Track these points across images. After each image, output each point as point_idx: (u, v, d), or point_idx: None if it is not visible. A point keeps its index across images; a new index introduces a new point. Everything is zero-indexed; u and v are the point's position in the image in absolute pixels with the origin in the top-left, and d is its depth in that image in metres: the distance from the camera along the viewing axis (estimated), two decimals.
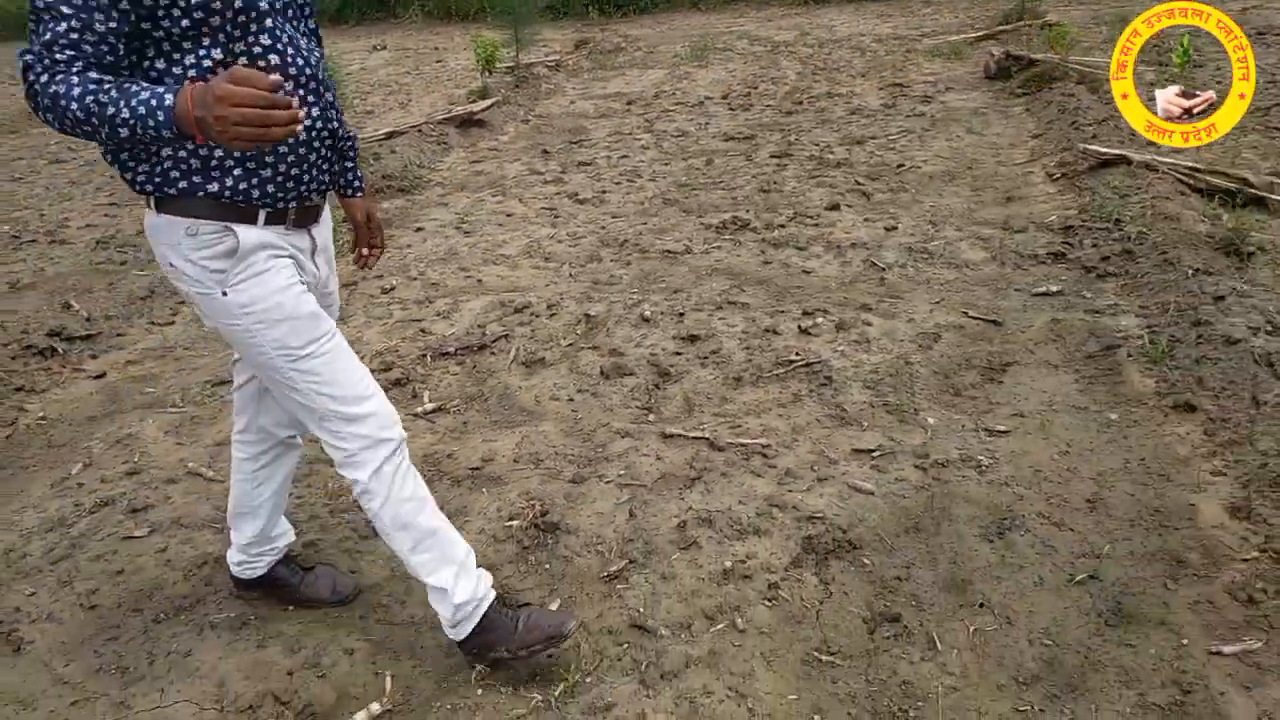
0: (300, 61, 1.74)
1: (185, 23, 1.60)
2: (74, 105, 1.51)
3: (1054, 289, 3.81)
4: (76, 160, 7.21)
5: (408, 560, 1.99)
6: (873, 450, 2.83)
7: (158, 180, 1.71)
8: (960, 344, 3.47)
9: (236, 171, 1.71)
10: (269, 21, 1.68)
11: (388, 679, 2.12)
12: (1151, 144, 5.11)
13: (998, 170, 5.46)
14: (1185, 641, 2.07)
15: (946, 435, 2.89)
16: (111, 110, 1.50)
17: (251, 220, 1.76)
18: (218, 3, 1.60)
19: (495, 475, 2.86)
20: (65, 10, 1.52)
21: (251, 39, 1.66)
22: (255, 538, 2.26)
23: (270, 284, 1.79)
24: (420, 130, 7.11)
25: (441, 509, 2.06)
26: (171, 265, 1.79)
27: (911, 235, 4.52)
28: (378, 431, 1.89)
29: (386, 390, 3.32)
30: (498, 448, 3.00)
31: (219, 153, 1.70)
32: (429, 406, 3.27)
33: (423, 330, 3.86)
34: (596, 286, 4.21)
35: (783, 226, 4.79)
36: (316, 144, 1.80)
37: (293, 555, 2.41)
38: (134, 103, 1.49)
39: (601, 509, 2.65)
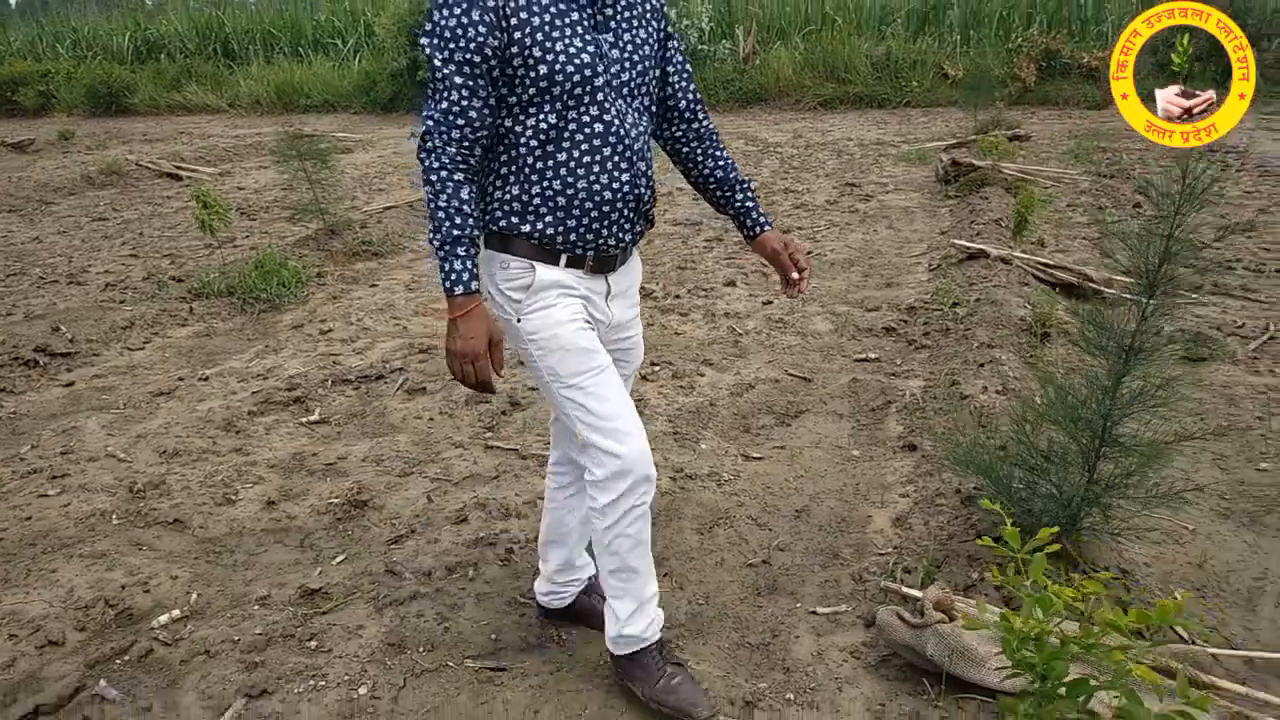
0: (620, 132, 1.96)
1: (532, 90, 1.89)
2: (434, 199, 1.88)
3: (872, 356, 4.41)
4: (116, 219, 8.26)
5: (602, 575, 2.19)
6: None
7: (486, 218, 2.00)
8: (769, 394, 4.08)
9: (548, 218, 1.96)
10: (600, 95, 1.93)
11: (194, 595, 2.77)
12: (1019, 240, 5.74)
13: (892, 261, 6.10)
14: (799, 605, 2.63)
15: (709, 458, 3.49)
16: (441, 237, 1.88)
17: (554, 262, 2.00)
18: (560, 76, 1.88)
19: (342, 470, 3.53)
20: (457, 80, 1.84)
21: (582, 109, 1.92)
22: (561, 566, 2.47)
23: (553, 317, 2.00)
24: (411, 206, 8.02)
25: (286, 494, 2.70)
26: (488, 292, 2.04)
27: (780, 309, 5.16)
28: (626, 466, 2.01)
29: (284, 405, 4.07)
30: (354, 450, 3.68)
31: (536, 200, 1.96)
32: (314, 418, 3.98)
33: (335, 361, 4.60)
34: None
35: (679, 297, 5.47)
36: (620, 204, 2.01)
37: (594, 585, 2.56)
38: (453, 257, 1.88)
39: (409, 495, 3.31)
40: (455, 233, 1.88)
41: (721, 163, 2.25)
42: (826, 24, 16.37)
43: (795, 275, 2.26)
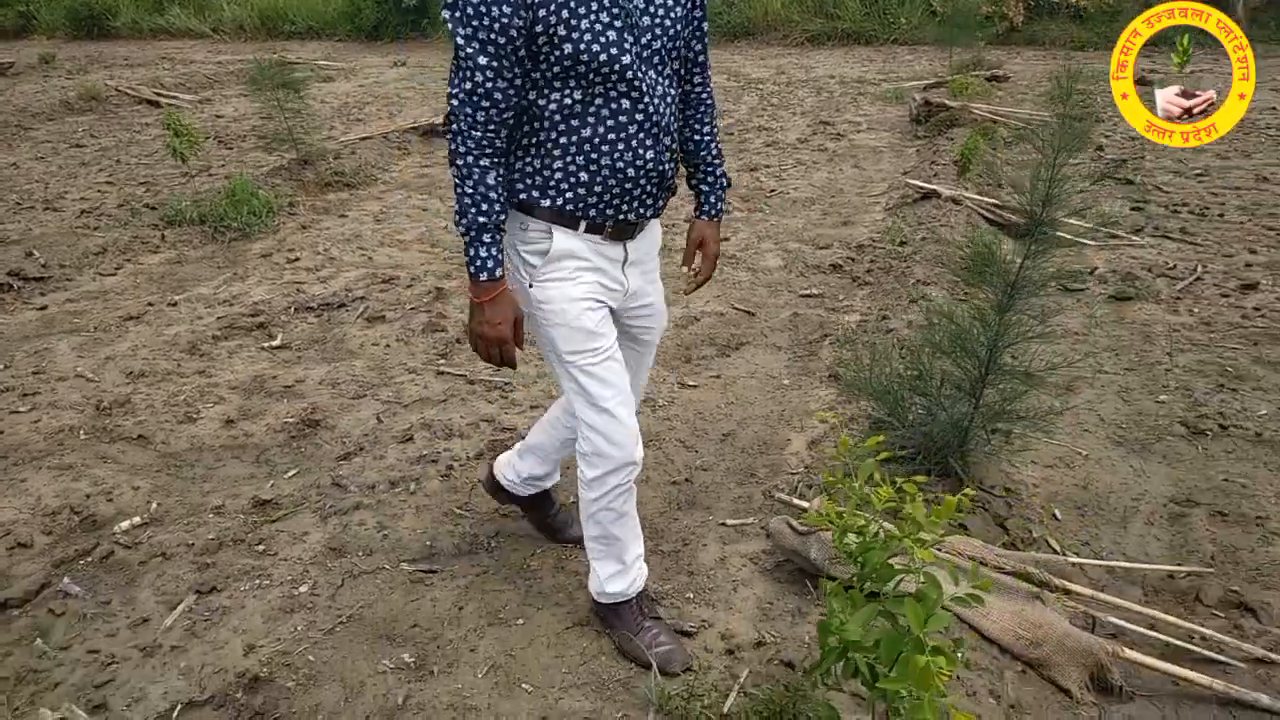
0: (649, 109, 1.92)
1: (557, 68, 1.83)
2: (460, 185, 1.87)
3: (815, 292, 4.59)
4: (94, 146, 8.31)
5: (585, 538, 2.26)
6: None
7: (509, 190, 1.97)
8: (714, 326, 4.26)
9: (569, 194, 1.94)
10: (629, 73, 1.86)
11: (154, 504, 2.99)
12: (963, 181, 5.88)
13: (852, 200, 6.23)
14: (711, 518, 2.85)
15: (651, 386, 3.69)
16: (467, 223, 1.88)
17: (572, 227, 1.97)
18: (585, 56, 1.81)
19: (299, 393, 3.72)
20: (482, 60, 1.79)
21: (609, 86, 1.87)
22: (530, 477, 2.59)
23: (565, 292, 2.01)
24: (386, 137, 8.08)
25: (245, 414, 2.89)
26: (507, 252, 2.05)
27: (737, 246, 5.32)
28: (612, 449, 2.07)
29: (247, 331, 4.24)
30: (312, 374, 3.87)
31: (558, 174, 1.93)
32: (275, 343, 4.16)
33: (299, 290, 4.76)
34: (460, 266, 5.08)
35: None
36: (643, 180, 1.97)
37: (551, 493, 2.73)
38: (479, 244, 1.88)
39: (360, 416, 3.51)
40: (481, 220, 1.87)
41: (698, 137, 2.20)
42: None
43: (690, 270, 2.32)
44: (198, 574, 2.65)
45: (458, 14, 1.78)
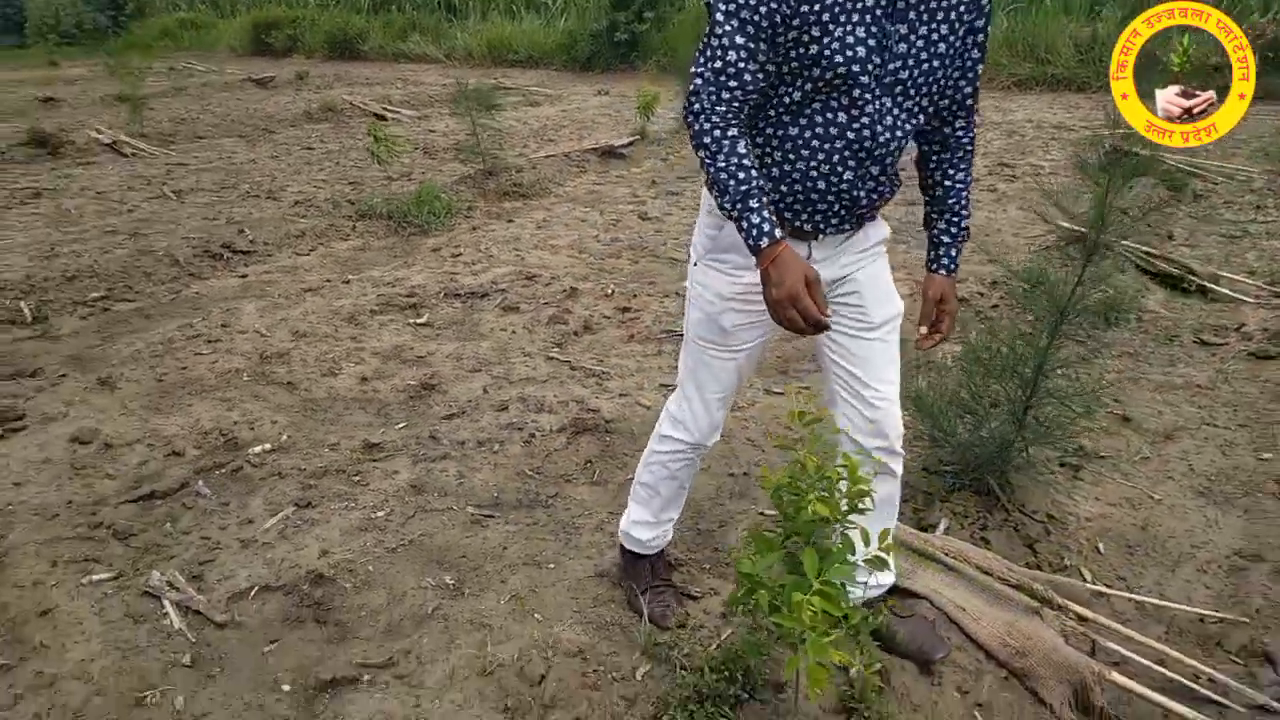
0: (866, 133, 1.83)
1: (796, 65, 1.78)
2: (712, 162, 1.76)
3: None
4: (321, 149, 9.42)
5: (635, 480, 2.43)
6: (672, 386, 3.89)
7: None
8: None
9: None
10: (857, 92, 1.78)
11: (284, 436, 3.50)
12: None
13: (1007, 240, 6.14)
14: (753, 507, 3.01)
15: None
16: (730, 199, 1.75)
17: None
18: (825, 63, 1.76)
19: (428, 362, 4.19)
20: (739, 40, 1.72)
21: (833, 98, 1.80)
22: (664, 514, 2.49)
23: (716, 284, 2.04)
24: (568, 156, 8.68)
25: (379, 374, 3.40)
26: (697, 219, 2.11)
27: None
28: (693, 428, 2.22)
29: (400, 309, 4.78)
30: (443, 349, 4.33)
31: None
32: (421, 321, 4.67)
33: (453, 279, 5.29)
34: (598, 273, 5.46)
35: None
36: (830, 197, 1.90)
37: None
38: (748, 213, 1.74)
39: (471, 386, 3.92)
40: (743, 188, 1.75)
41: (949, 183, 2.06)
42: (1034, 1, 15.68)
43: (925, 330, 2.12)
44: (301, 492, 3.10)
45: None
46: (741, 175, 1.75)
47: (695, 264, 2.09)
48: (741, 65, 1.74)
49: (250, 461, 3.31)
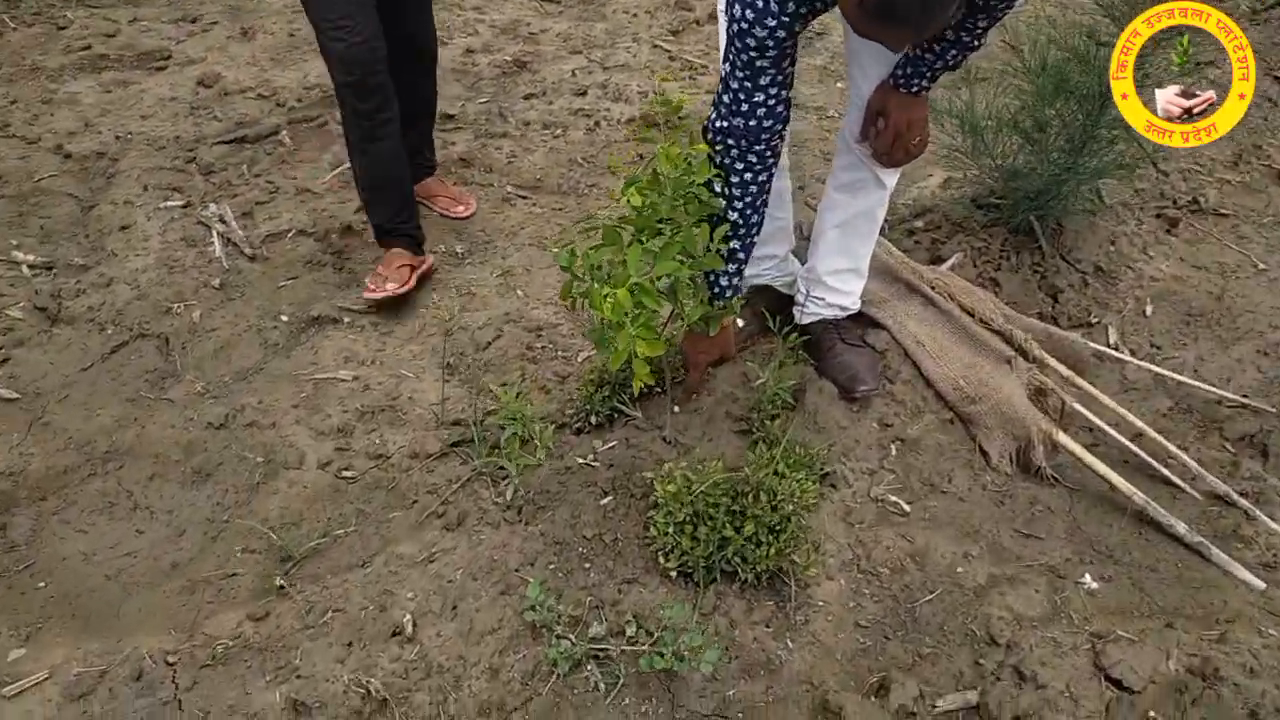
0: None
1: None
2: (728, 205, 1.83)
3: None
4: None
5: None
6: None
7: None
8: None
9: None
10: None
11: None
12: None
13: None
14: None
15: None
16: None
17: None
18: None
19: (534, 40, 4.13)
20: (763, 82, 1.71)
21: None
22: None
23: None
24: None
25: (485, 48, 3.64)
26: None
27: None
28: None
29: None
30: (556, 27, 4.24)
31: None
32: None
33: None
34: None
35: None
36: None
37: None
38: None
39: (562, 69, 3.87)
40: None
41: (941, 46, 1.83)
42: None
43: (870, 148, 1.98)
44: None
45: None
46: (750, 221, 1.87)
47: None
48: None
49: (335, 120, 3.52)
